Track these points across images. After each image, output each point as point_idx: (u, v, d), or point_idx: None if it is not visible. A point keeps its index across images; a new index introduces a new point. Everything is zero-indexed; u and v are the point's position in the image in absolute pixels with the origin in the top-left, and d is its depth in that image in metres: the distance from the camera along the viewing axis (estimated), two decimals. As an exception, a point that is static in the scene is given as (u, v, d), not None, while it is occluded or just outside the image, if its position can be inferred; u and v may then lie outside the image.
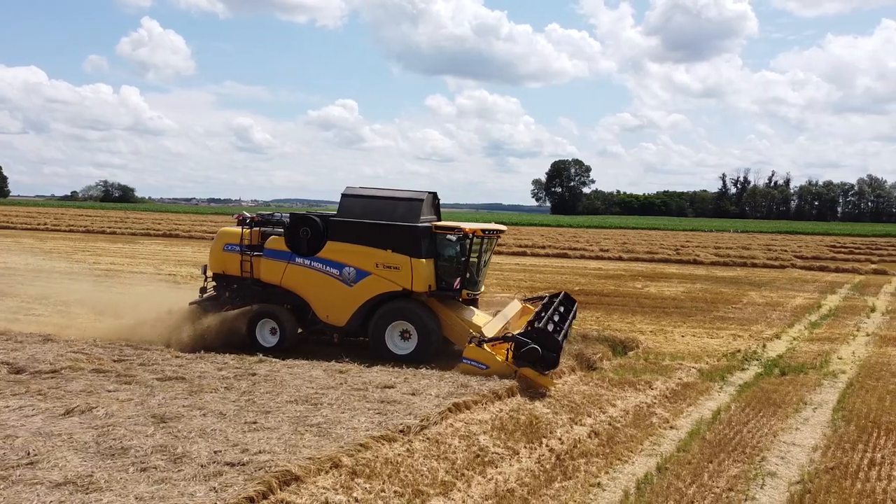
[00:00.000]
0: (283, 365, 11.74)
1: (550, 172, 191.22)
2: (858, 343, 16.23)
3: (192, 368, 11.36)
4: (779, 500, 7.47)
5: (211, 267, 14.53)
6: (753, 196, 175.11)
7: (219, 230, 14.95)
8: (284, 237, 13.79)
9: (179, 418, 8.71)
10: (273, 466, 7.11)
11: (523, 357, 11.07)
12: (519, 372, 10.98)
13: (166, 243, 44.90)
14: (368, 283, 13.16)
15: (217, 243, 14.54)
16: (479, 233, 13.20)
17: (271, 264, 13.76)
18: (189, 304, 14.60)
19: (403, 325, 13.09)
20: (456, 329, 13.26)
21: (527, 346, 11.08)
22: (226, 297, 14.32)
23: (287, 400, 9.62)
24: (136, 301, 16.53)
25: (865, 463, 8.50)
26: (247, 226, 14.33)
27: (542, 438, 8.96)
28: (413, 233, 13.04)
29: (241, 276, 14.01)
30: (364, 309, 13.23)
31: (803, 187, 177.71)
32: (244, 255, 13.96)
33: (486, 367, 11.20)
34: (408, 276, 12.94)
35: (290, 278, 13.63)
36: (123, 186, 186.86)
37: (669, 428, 9.78)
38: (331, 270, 13.35)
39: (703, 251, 44.15)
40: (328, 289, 13.38)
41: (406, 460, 7.83)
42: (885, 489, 7.71)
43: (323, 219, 13.65)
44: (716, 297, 24.03)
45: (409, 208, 13.36)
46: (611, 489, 7.64)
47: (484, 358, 11.32)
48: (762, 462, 8.52)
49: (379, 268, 13.08)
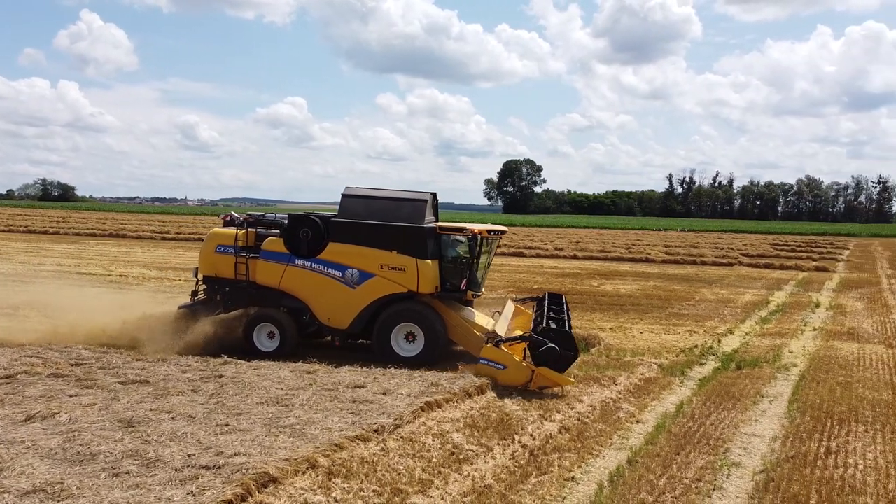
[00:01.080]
0: (249, 366, 11.61)
1: (502, 172, 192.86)
2: (807, 337, 16.88)
3: (155, 371, 11.13)
4: (744, 489, 7.74)
5: (202, 269, 13.97)
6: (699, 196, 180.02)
7: (210, 231, 14.41)
8: (283, 238, 13.39)
9: (147, 422, 8.54)
10: (250, 468, 7.05)
11: (541, 356, 11.12)
12: (536, 371, 11.04)
13: (114, 243, 43.66)
14: (372, 285, 12.93)
15: (208, 245, 13.97)
16: (485, 233, 13.17)
17: (269, 266, 13.36)
18: (178, 307, 14.05)
19: (409, 327, 12.88)
20: (460, 330, 13.19)
21: (545, 346, 11.14)
22: (217, 301, 13.79)
23: (257, 401, 9.52)
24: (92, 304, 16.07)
25: (822, 452, 8.88)
26: (241, 227, 13.87)
27: (514, 435, 9.07)
28: (419, 234, 12.86)
29: (234, 279, 13.53)
30: (367, 311, 12.97)
31: (746, 187, 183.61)
32: (239, 257, 13.49)
33: (504, 367, 11.15)
34: (413, 278, 12.76)
35: (289, 281, 13.26)
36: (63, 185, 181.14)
37: (636, 422, 10.02)
38: (333, 272, 13.05)
39: (654, 249, 45.18)
40: (330, 291, 13.07)
41: (382, 459, 7.85)
42: (842, 476, 8.07)
43: (323, 219, 13.30)
44: (670, 294, 24.64)
45: (413, 209, 13.19)
46: (585, 483, 7.80)
47: (501, 358, 11.25)
48: (726, 453, 8.81)
49: (384, 269, 12.86)
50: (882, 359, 14.51)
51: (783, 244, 57.20)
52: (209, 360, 11.90)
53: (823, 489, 7.66)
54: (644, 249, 45.16)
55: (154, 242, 45.78)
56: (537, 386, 11.06)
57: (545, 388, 11.05)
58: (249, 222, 14.01)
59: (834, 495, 7.51)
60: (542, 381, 11.05)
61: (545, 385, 11.07)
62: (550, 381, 11.04)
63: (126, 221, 67.60)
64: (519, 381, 11.10)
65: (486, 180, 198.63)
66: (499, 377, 11.11)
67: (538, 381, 11.05)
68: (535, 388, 11.01)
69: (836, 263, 40.69)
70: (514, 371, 11.12)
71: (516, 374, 11.11)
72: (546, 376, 11.01)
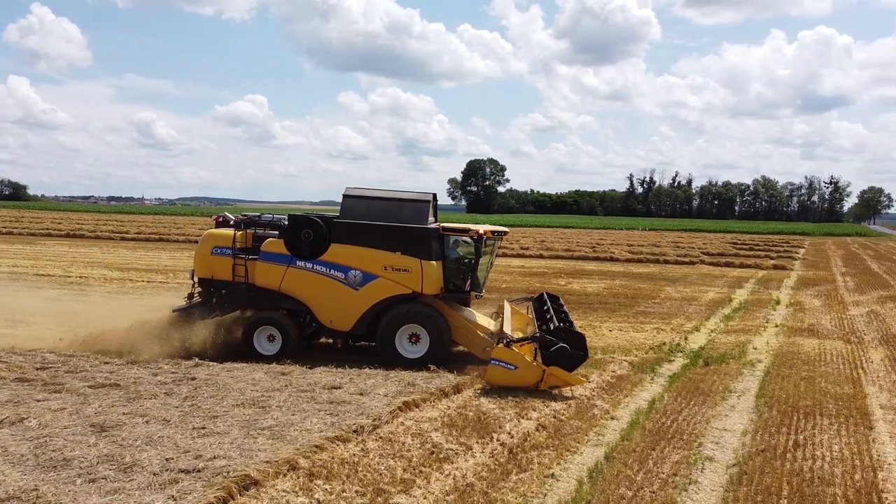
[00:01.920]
0: (222, 368, 11.47)
1: (466, 171, 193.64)
2: (769, 334, 17.32)
3: (125, 375, 10.92)
4: (719, 482, 7.92)
5: (197, 271, 13.60)
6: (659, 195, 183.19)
7: (205, 232, 13.99)
8: (284, 240, 13.12)
9: (121, 426, 8.38)
10: (231, 471, 6.99)
11: (553, 356, 11.17)
12: (547, 371, 11.09)
13: (71, 244, 42.53)
14: (376, 287, 12.78)
15: (204, 246, 13.58)
16: (489, 234, 13.14)
17: (269, 268, 13.07)
18: (173, 310, 13.65)
19: (413, 328, 12.76)
20: (463, 331, 13.15)
21: (556, 345, 11.20)
22: (213, 304, 13.45)
23: (233, 404, 9.41)
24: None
25: (791, 445, 9.13)
26: (238, 227, 13.53)
27: (492, 433, 9.12)
28: (424, 235, 12.77)
29: (232, 281, 13.20)
30: (371, 313, 12.82)
31: (704, 187, 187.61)
32: (237, 259, 13.20)
33: (515, 367, 11.15)
34: (418, 279, 12.65)
35: (290, 282, 13.00)
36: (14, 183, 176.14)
37: (610, 419, 10.17)
38: (335, 274, 12.84)
39: (618, 248, 45.82)
40: (332, 293, 12.86)
41: (362, 460, 7.84)
42: (811, 468, 8.31)
43: (325, 220, 13.09)
44: (636, 292, 25.02)
45: (416, 210, 13.12)
46: (564, 479, 7.88)
47: (512, 358, 11.24)
48: (700, 447, 9.00)
49: (387, 270, 12.72)
50: (842, 354, 14.97)
51: (742, 243, 58.56)
52: (180, 363, 11.72)
53: (794, 481, 7.89)
54: (608, 248, 45.77)
55: (113, 243, 44.75)
56: (547, 385, 11.15)
57: (555, 387, 11.16)
58: (245, 223, 13.71)
59: (804, 487, 7.73)
60: (552, 380, 11.12)
61: (555, 385, 11.17)
62: (561, 381, 11.13)
63: (83, 221, 65.93)
64: (530, 382, 11.16)
65: (450, 180, 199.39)
66: (510, 378, 11.14)
67: (549, 381, 11.12)
68: (545, 388, 11.11)
69: (793, 262, 41.81)
70: (525, 371, 11.16)
71: (527, 375, 11.15)
72: (557, 376, 11.09)
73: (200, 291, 13.67)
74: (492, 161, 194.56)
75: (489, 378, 11.35)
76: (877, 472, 8.22)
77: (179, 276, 25.77)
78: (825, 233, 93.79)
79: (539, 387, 11.13)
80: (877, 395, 11.73)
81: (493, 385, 11.21)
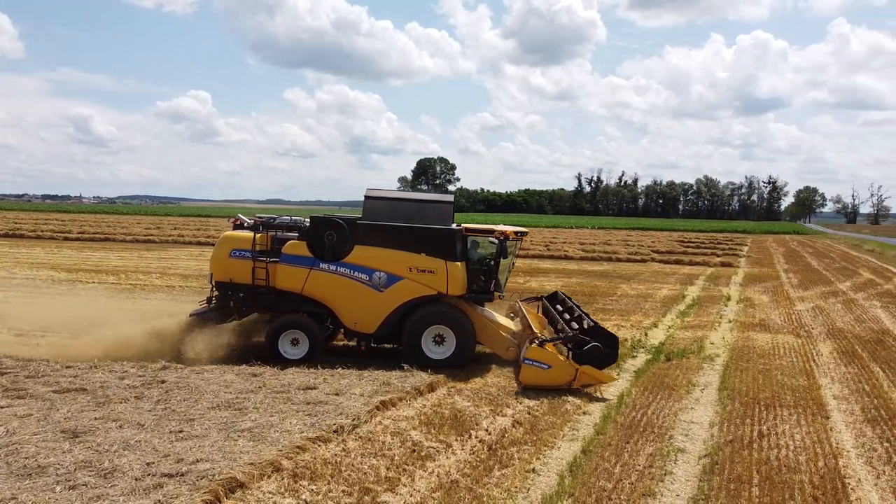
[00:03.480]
0: (191, 371, 11.27)
1: (416, 170, 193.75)
2: (724, 329, 17.91)
3: (90, 378, 10.63)
4: (693, 472, 8.20)
5: (215, 274, 13.30)
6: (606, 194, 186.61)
7: (222, 235, 13.65)
8: (306, 242, 12.93)
9: (94, 432, 8.19)
10: (217, 474, 6.92)
11: (585, 355, 11.32)
12: (580, 370, 11.24)
13: (10, 244, 40.92)
14: (401, 288, 12.70)
15: (221, 249, 13.28)
16: (512, 235, 13.21)
17: (291, 271, 12.83)
18: (189, 315, 13.36)
19: (439, 329, 12.74)
20: (487, 332, 13.20)
21: (589, 345, 11.35)
22: (231, 307, 13.22)
23: (208, 406, 9.28)
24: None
25: (756, 435, 9.51)
26: (256, 230, 13.21)
27: (469, 430, 9.24)
28: (449, 235, 12.77)
29: (252, 284, 12.94)
30: (395, 315, 12.74)
31: (649, 186, 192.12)
32: (257, 262, 12.93)
33: (549, 366, 11.29)
34: (443, 280, 12.60)
35: (313, 285, 12.80)
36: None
37: (583, 414, 10.39)
38: (359, 276, 12.72)
39: (571, 247, 46.56)
40: (357, 295, 12.74)
41: (344, 459, 7.85)
42: (777, 457, 8.67)
43: (348, 222, 12.95)
44: (593, 290, 25.50)
45: (439, 211, 13.15)
46: (545, 474, 8.04)
47: (546, 358, 11.36)
48: (671, 440, 9.29)
49: (412, 272, 12.65)
50: (794, 347, 15.60)
51: (688, 241, 60.20)
52: (147, 366, 11.46)
53: (763, 469, 8.23)
54: (561, 247, 46.46)
55: (56, 243, 43.23)
56: (580, 384, 11.33)
57: (587, 386, 11.38)
58: (265, 225, 13.41)
59: (773, 474, 8.07)
60: (585, 379, 11.32)
61: (587, 383, 11.37)
62: (594, 379, 11.34)
63: (20, 220, 63.44)
64: (563, 381, 11.32)
65: (400, 178, 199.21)
66: (543, 377, 11.29)
67: (581, 380, 11.31)
68: (577, 387, 11.32)
69: (739, 259, 43.22)
70: (558, 370, 11.32)
71: (561, 374, 11.31)
72: (590, 374, 11.30)
73: (217, 295, 13.38)
74: (442, 160, 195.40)
75: (523, 378, 11.49)
76: (837, 459, 8.64)
77: (132, 277, 25.14)
78: (765, 231, 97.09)
79: (572, 385, 11.33)
80: (829, 387, 12.28)
81: (526, 385, 11.40)
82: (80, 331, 13.69)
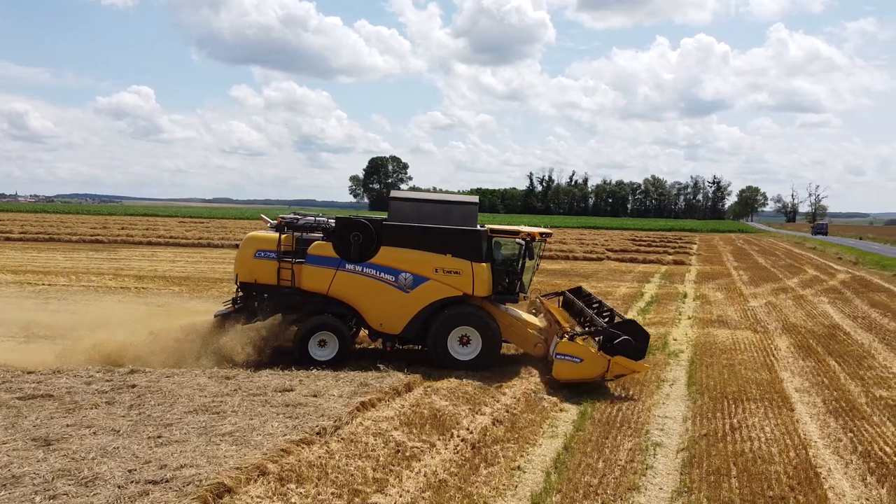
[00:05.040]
0: (160, 374, 10.98)
1: (368, 169, 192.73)
2: (685, 325, 18.37)
3: (55, 384, 10.25)
4: (673, 466, 8.39)
5: (239, 275, 13.15)
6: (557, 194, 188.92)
7: (247, 235, 13.53)
8: (332, 243, 12.84)
9: (67, 439, 7.91)
10: (203, 480, 6.76)
11: (617, 347, 11.44)
12: (612, 360, 11.35)
13: (-52, 245, 39.11)
14: (427, 289, 12.67)
15: (246, 250, 13.14)
16: (537, 236, 13.26)
17: (317, 271, 12.75)
18: (214, 315, 13.16)
19: (465, 330, 12.72)
20: (515, 329, 13.27)
21: (620, 338, 11.47)
22: (255, 308, 13.04)
23: (185, 411, 9.05)
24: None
25: (728, 428, 9.78)
26: (283, 231, 13.02)
27: (451, 430, 9.25)
28: (475, 237, 12.76)
29: (277, 285, 12.82)
30: (421, 316, 12.71)
31: (599, 186, 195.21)
32: (282, 262, 12.79)
33: (581, 360, 11.43)
34: (469, 281, 12.60)
35: (339, 286, 12.74)
36: None
37: (560, 411, 10.53)
38: (385, 277, 12.68)
39: (527, 246, 46.91)
40: (383, 296, 12.70)
41: (329, 461, 7.76)
42: (750, 448, 8.94)
43: (374, 223, 12.88)
44: (554, 288, 25.64)
45: (465, 212, 13.16)
46: (530, 471, 8.12)
47: (578, 351, 11.49)
48: (647, 435, 9.50)
49: (438, 273, 12.63)
50: (753, 342, 16.10)
51: (639, 240, 61.43)
52: (113, 370, 11.11)
53: (739, 461, 8.47)
54: (518, 246, 46.76)
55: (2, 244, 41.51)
56: (613, 375, 11.51)
57: (620, 376, 11.58)
58: (289, 225, 13.22)
59: (749, 466, 8.32)
60: (618, 369, 11.47)
61: (620, 374, 11.57)
62: (627, 369, 11.50)
63: (-44, 220, 60.71)
64: (596, 373, 11.48)
65: (352, 177, 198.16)
66: (576, 371, 11.42)
67: (614, 371, 11.46)
68: (610, 378, 11.51)
69: (690, 257, 44.32)
70: (590, 363, 11.46)
71: (594, 366, 11.45)
72: (623, 364, 11.44)
73: (242, 295, 13.26)
74: (394, 159, 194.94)
75: (556, 374, 11.60)
76: (808, 450, 8.96)
77: (83, 279, 24.33)
78: (711, 229, 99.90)
79: (605, 377, 11.50)
80: (791, 380, 12.72)
81: (560, 381, 11.54)
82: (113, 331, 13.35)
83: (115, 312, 16.11)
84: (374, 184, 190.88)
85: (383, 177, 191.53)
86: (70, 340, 12.95)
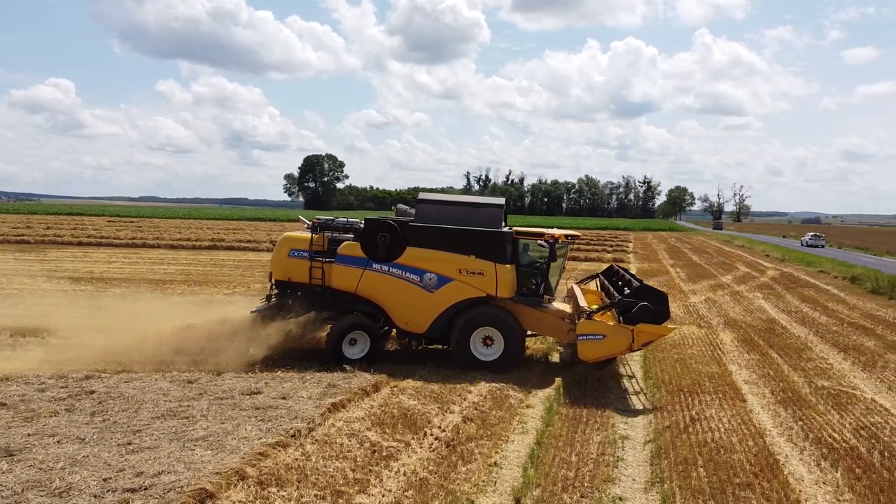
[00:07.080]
0: (119, 380, 10.64)
1: (303, 167, 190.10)
2: (633, 321, 18.89)
3: (6, 392, 9.82)
4: (642, 458, 8.68)
5: (275, 273, 13.52)
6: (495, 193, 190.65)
7: (282, 235, 13.86)
8: (360, 243, 12.98)
9: (30, 449, 7.60)
10: (186, 486, 6.63)
11: (635, 316, 11.41)
12: (635, 330, 11.35)
13: None
14: (451, 290, 12.76)
15: (281, 249, 13.45)
16: (563, 238, 13.32)
17: (346, 271, 13.00)
18: (251, 312, 13.41)
19: (487, 331, 12.75)
20: (545, 322, 13.33)
21: (637, 305, 11.45)
22: (290, 305, 13.22)
23: (151, 416, 8.81)
24: None
25: (688, 420, 10.16)
26: (315, 231, 13.23)
27: (423, 428, 9.29)
28: (500, 238, 12.80)
29: (308, 283, 13.11)
30: (445, 316, 12.81)
31: (535, 185, 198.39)
32: (314, 262, 13.06)
33: (603, 336, 11.46)
34: (492, 282, 12.67)
35: (366, 285, 12.97)
36: None
37: (527, 407, 10.72)
38: (411, 276, 12.83)
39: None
40: (408, 295, 12.85)
41: (307, 464, 7.71)
42: (713, 439, 9.31)
43: (400, 224, 12.97)
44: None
45: (490, 214, 13.24)
46: (507, 467, 8.26)
47: (597, 329, 11.50)
48: (614, 428, 9.78)
49: (462, 273, 12.73)
50: (700, 338, 16.74)
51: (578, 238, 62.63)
52: (67, 377, 10.69)
53: (704, 451, 8.82)
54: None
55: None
56: (640, 344, 11.55)
57: (648, 343, 11.64)
58: (321, 226, 13.47)
59: (714, 455, 8.67)
60: (644, 337, 11.50)
61: (648, 341, 11.61)
62: (654, 335, 11.54)
63: None
64: (623, 347, 11.49)
65: (287, 175, 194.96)
66: (601, 349, 11.46)
67: (640, 339, 11.49)
68: (638, 348, 11.60)
69: (628, 255, 45.56)
70: (613, 337, 11.47)
71: (617, 340, 11.46)
72: (648, 331, 11.47)
73: (276, 293, 13.57)
74: (330, 157, 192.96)
75: (582, 355, 11.67)
76: (765, 438, 9.40)
77: (15, 282, 23.18)
78: (643, 228, 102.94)
79: (634, 348, 11.58)
80: (739, 373, 13.30)
81: (588, 361, 11.66)
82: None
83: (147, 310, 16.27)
84: (310, 182, 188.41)
85: (319, 175, 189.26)
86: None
